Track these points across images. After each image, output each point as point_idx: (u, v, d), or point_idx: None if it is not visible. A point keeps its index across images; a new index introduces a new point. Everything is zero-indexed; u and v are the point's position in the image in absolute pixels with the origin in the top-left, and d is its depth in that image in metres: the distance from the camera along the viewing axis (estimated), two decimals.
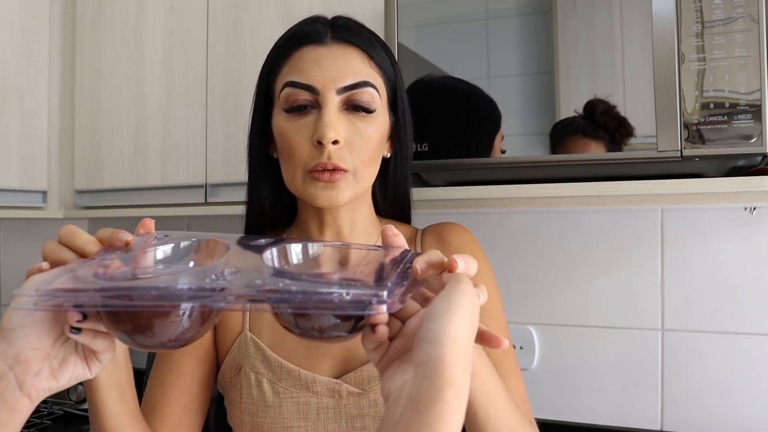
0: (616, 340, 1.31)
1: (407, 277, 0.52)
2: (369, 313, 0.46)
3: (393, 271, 0.52)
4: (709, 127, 0.89)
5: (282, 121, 0.79)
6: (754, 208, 1.21)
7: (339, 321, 0.51)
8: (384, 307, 0.46)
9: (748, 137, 0.87)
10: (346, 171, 0.76)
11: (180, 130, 1.38)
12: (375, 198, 0.88)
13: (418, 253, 0.56)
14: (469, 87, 1.04)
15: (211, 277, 0.51)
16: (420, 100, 1.05)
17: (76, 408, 1.55)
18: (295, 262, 0.60)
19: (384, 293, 0.46)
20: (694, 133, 0.90)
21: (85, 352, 0.54)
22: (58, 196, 1.51)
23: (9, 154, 1.40)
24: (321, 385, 0.79)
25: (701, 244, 1.26)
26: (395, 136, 0.84)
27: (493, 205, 1.10)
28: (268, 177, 0.85)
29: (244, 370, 0.82)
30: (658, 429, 1.28)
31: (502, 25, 1.03)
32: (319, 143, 0.75)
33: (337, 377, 0.80)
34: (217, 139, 1.34)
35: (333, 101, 0.76)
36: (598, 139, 0.97)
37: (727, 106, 0.89)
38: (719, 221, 1.25)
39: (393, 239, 0.59)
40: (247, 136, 0.86)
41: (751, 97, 0.88)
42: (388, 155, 0.85)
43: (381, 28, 1.09)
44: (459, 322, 0.46)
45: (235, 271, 0.52)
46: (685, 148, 0.90)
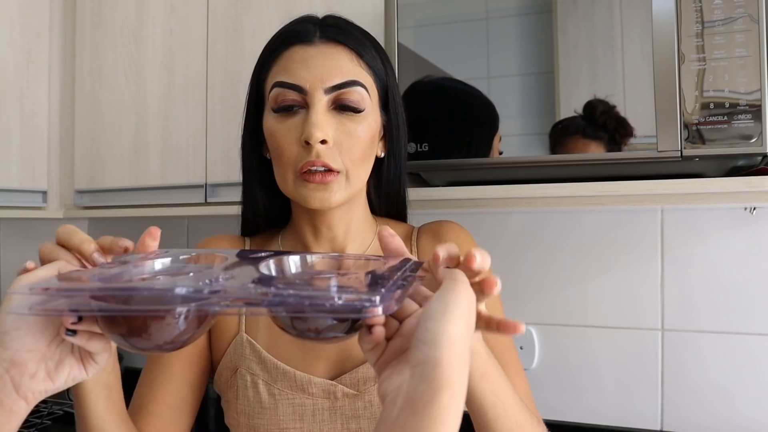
0: (616, 340, 1.31)
1: (405, 280, 0.52)
2: (365, 315, 0.46)
3: (391, 275, 0.52)
4: (709, 127, 0.89)
5: (271, 121, 0.79)
6: (754, 208, 1.21)
7: (335, 322, 0.50)
8: (380, 308, 0.45)
9: (748, 137, 0.87)
10: (338, 172, 0.76)
11: (180, 130, 1.38)
12: (370, 198, 0.87)
13: (418, 262, 0.56)
14: (468, 88, 1.04)
15: (206, 281, 0.51)
16: (419, 101, 1.05)
17: None
18: (293, 270, 0.60)
19: (379, 296, 0.46)
20: (694, 133, 0.90)
21: (81, 354, 0.54)
22: (58, 196, 1.51)
23: (9, 154, 1.40)
24: (316, 387, 0.79)
25: (701, 244, 1.26)
26: (388, 136, 0.84)
27: (493, 205, 1.10)
28: (262, 178, 0.85)
29: (240, 372, 0.82)
30: (658, 429, 1.28)
31: (502, 25, 1.03)
32: (307, 143, 0.75)
33: (332, 378, 0.80)
34: (217, 139, 1.34)
35: (321, 101, 0.76)
36: (597, 139, 0.97)
37: (727, 106, 0.89)
38: (719, 221, 1.25)
39: (390, 240, 0.59)
40: (240, 137, 0.86)
41: (751, 97, 0.88)
42: (382, 155, 0.85)
43: (381, 28, 1.09)
44: (456, 323, 0.46)
45: (229, 277, 0.52)
46: (685, 148, 0.90)
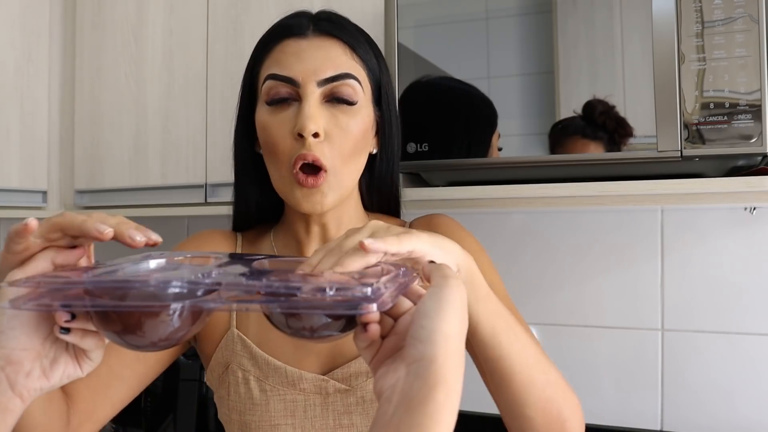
0: (616, 340, 1.31)
1: (399, 277, 0.52)
2: (359, 312, 0.46)
3: (385, 273, 0.52)
4: (709, 127, 0.89)
5: (264, 114, 0.78)
6: (754, 208, 1.21)
7: (330, 320, 0.50)
8: (374, 305, 0.45)
9: (748, 137, 0.87)
10: (326, 171, 0.75)
11: (180, 130, 1.38)
12: (362, 194, 0.87)
13: (414, 273, 0.56)
14: (466, 87, 1.04)
15: (198, 275, 0.51)
16: (417, 101, 1.06)
17: None
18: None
19: (372, 288, 0.46)
20: (694, 133, 0.90)
21: (75, 351, 0.54)
22: (58, 196, 1.51)
23: (9, 154, 1.40)
24: (308, 382, 0.79)
25: (701, 244, 1.26)
26: (381, 132, 0.84)
27: (492, 205, 1.10)
28: (254, 174, 0.85)
29: (232, 368, 0.81)
30: (658, 429, 1.28)
31: (502, 25, 1.03)
32: (300, 136, 0.74)
33: (323, 374, 0.80)
34: (217, 139, 1.34)
35: (314, 93, 0.75)
36: (597, 139, 0.97)
37: (727, 106, 0.89)
38: (719, 221, 1.25)
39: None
40: (232, 132, 0.86)
41: (751, 97, 0.88)
42: (374, 151, 0.84)
43: (381, 28, 1.09)
44: (451, 320, 0.46)
45: (223, 272, 0.52)
46: (685, 148, 0.90)
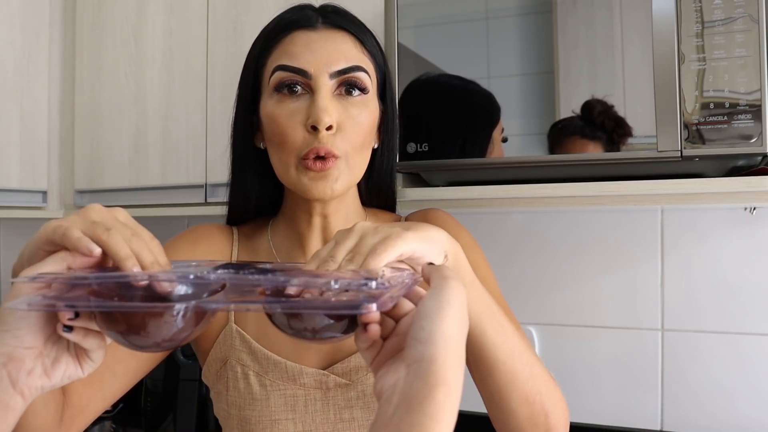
0: (616, 340, 1.31)
1: (400, 279, 0.52)
2: (359, 312, 0.46)
3: (386, 274, 0.52)
4: (709, 127, 0.89)
5: (272, 106, 0.77)
6: (754, 208, 1.21)
7: (332, 322, 0.50)
8: (374, 305, 0.45)
9: (748, 137, 0.87)
10: (338, 157, 0.75)
11: (180, 130, 1.38)
12: (359, 188, 0.87)
13: (416, 275, 0.56)
14: (465, 83, 1.04)
15: (203, 272, 0.51)
16: (417, 99, 1.05)
17: None
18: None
19: (373, 284, 0.46)
20: (694, 133, 0.90)
21: (77, 352, 0.54)
22: (58, 196, 1.51)
23: (9, 154, 1.40)
24: (308, 377, 0.79)
25: (701, 244, 1.26)
26: (383, 126, 0.83)
27: (492, 205, 1.10)
28: (254, 168, 0.84)
29: (230, 363, 0.81)
30: (658, 429, 1.28)
31: (502, 25, 1.03)
32: (314, 128, 0.74)
33: (323, 368, 0.79)
34: (217, 139, 1.34)
35: (326, 85, 0.75)
36: (595, 139, 0.97)
37: (727, 106, 0.89)
38: (719, 221, 1.25)
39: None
40: (230, 126, 0.85)
41: (751, 97, 0.88)
42: (376, 146, 0.84)
43: (381, 28, 1.09)
44: (450, 321, 0.46)
45: (226, 271, 0.52)
46: (685, 148, 0.90)
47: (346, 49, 0.77)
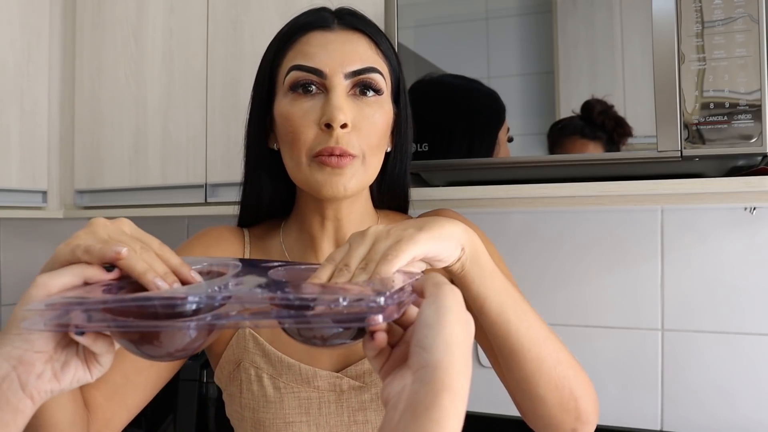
0: (616, 340, 1.31)
1: (407, 287, 0.53)
2: (365, 325, 0.47)
3: (394, 284, 0.53)
4: (709, 127, 0.89)
5: (286, 105, 0.77)
6: (754, 208, 1.21)
7: (341, 330, 0.51)
8: (380, 316, 0.46)
9: (748, 137, 0.87)
10: (354, 156, 0.74)
11: (180, 130, 1.38)
12: (372, 191, 0.87)
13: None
14: (469, 83, 1.04)
15: (215, 288, 0.52)
16: (421, 100, 1.05)
17: None
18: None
19: (381, 299, 0.47)
20: (694, 133, 0.90)
21: (86, 356, 0.55)
22: (58, 196, 1.51)
23: (9, 154, 1.40)
24: (322, 380, 0.79)
25: (701, 244, 1.26)
26: (396, 130, 0.83)
27: (492, 205, 1.10)
28: (267, 169, 0.84)
29: (244, 365, 0.81)
30: (658, 429, 1.28)
31: (502, 25, 1.03)
32: (328, 126, 0.74)
33: (337, 371, 0.80)
34: (217, 139, 1.34)
35: (341, 85, 0.75)
36: (595, 139, 0.97)
37: (727, 106, 0.89)
38: (719, 221, 1.25)
39: None
40: (245, 126, 0.85)
41: (751, 97, 0.88)
42: (389, 149, 0.84)
43: (381, 28, 1.09)
44: (451, 326, 0.46)
45: (239, 283, 0.53)
46: (685, 148, 0.90)
47: (362, 50, 0.77)
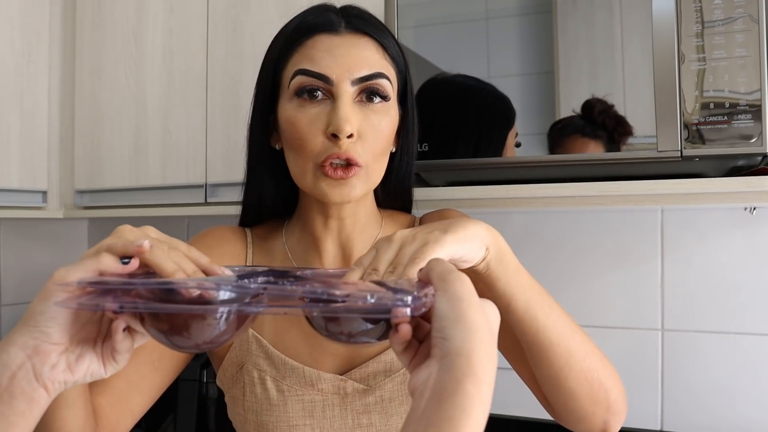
0: (617, 340, 1.31)
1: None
2: (391, 316, 0.48)
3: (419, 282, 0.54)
4: (709, 127, 0.89)
5: (291, 110, 0.76)
6: (754, 208, 1.21)
7: (369, 327, 0.51)
8: (408, 309, 0.47)
9: (748, 137, 0.87)
10: (360, 166, 0.74)
11: (180, 130, 1.38)
12: (376, 191, 0.86)
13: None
14: (482, 84, 1.04)
15: (246, 281, 0.52)
16: (433, 98, 1.05)
17: None
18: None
19: (408, 298, 0.47)
20: (694, 133, 0.90)
21: (103, 353, 0.56)
22: (58, 196, 1.51)
23: (9, 154, 1.40)
24: (326, 382, 0.79)
25: (701, 244, 1.26)
26: (402, 131, 0.83)
27: (493, 205, 1.10)
28: (269, 168, 0.83)
29: (247, 368, 0.81)
30: (658, 429, 1.28)
31: (502, 25, 1.03)
32: (334, 136, 0.73)
33: (341, 374, 0.79)
34: (217, 139, 1.34)
35: (347, 92, 0.74)
36: (596, 138, 0.97)
37: (727, 106, 0.89)
38: (719, 221, 1.25)
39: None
40: (247, 126, 0.84)
41: (751, 97, 0.88)
42: (394, 150, 0.83)
43: None
44: (467, 314, 0.46)
45: (267, 279, 0.54)
46: (685, 148, 0.90)
47: (369, 55, 0.76)
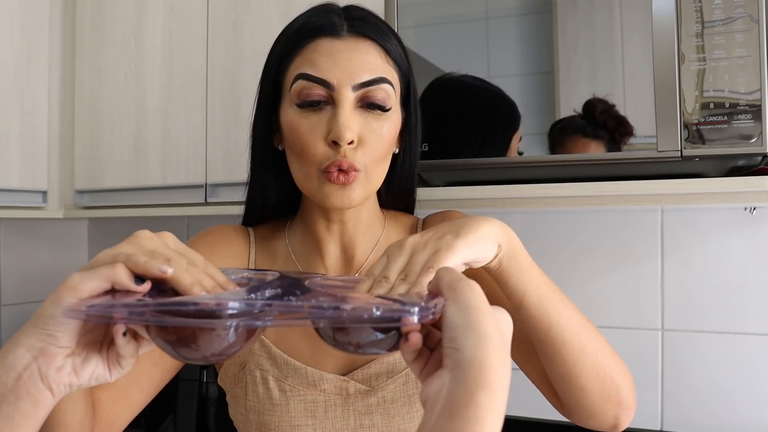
0: (617, 340, 1.31)
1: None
2: (400, 325, 0.48)
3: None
4: (709, 127, 0.89)
5: (293, 116, 0.76)
6: (754, 208, 1.21)
7: (378, 338, 0.51)
8: (415, 317, 0.47)
9: (748, 137, 0.87)
10: (359, 171, 0.74)
11: (180, 130, 1.38)
12: (379, 192, 0.86)
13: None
14: (490, 86, 1.04)
15: (251, 296, 0.52)
16: (440, 98, 1.05)
17: None
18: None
19: (415, 308, 0.47)
20: (694, 133, 0.90)
21: (108, 357, 0.55)
22: (58, 196, 1.51)
23: (9, 154, 1.40)
24: (328, 383, 0.79)
25: (701, 244, 1.26)
26: (405, 132, 0.82)
27: (493, 205, 1.10)
28: (272, 168, 0.83)
29: (249, 368, 0.81)
30: (658, 429, 1.28)
31: (502, 25, 1.03)
32: (335, 143, 0.73)
33: (344, 375, 0.79)
34: (217, 139, 1.34)
35: (348, 98, 0.74)
36: (597, 138, 0.97)
37: (727, 106, 0.89)
38: (719, 221, 1.25)
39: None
40: (250, 126, 0.84)
41: (751, 97, 0.88)
42: (397, 151, 0.83)
43: None
44: (479, 323, 0.46)
45: (274, 293, 0.54)
46: (685, 148, 0.90)
47: (371, 60, 0.75)
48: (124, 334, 0.53)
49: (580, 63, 0.98)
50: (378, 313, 0.47)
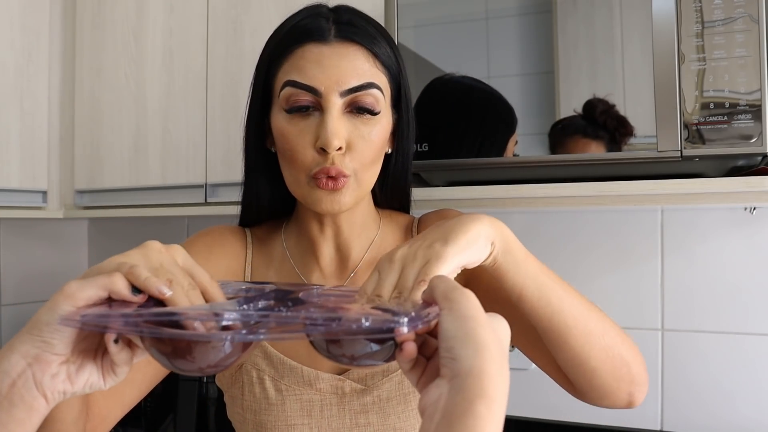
0: None
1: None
2: (392, 335, 0.47)
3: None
4: (709, 127, 0.89)
5: (282, 122, 0.77)
6: (754, 208, 1.21)
7: (372, 350, 0.51)
8: (405, 328, 0.47)
9: (748, 137, 0.87)
10: (348, 176, 0.75)
11: (180, 130, 1.38)
12: (374, 191, 0.86)
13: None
14: (489, 89, 1.04)
15: (243, 306, 0.53)
16: (438, 98, 1.05)
17: None
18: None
19: (404, 320, 0.47)
20: (694, 133, 0.90)
21: (103, 364, 0.55)
22: (58, 196, 1.51)
23: (9, 154, 1.40)
24: (324, 382, 0.79)
25: (701, 244, 1.26)
26: (397, 133, 0.83)
27: (493, 205, 1.10)
28: (266, 171, 0.84)
29: (245, 367, 0.81)
30: (658, 429, 1.28)
31: (502, 25, 1.03)
32: (323, 150, 0.73)
33: (339, 374, 0.80)
34: (217, 139, 1.34)
35: (336, 105, 0.74)
36: (597, 138, 0.97)
37: (727, 106, 0.89)
38: (719, 221, 1.25)
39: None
40: (242, 129, 0.84)
41: (751, 97, 0.88)
42: (389, 151, 0.83)
43: None
44: (476, 333, 0.45)
45: (267, 305, 0.54)
46: (685, 148, 0.90)
47: (359, 65, 0.75)
48: (116, 342, 0.52)
49: (580, 63, 0.98)
50: (367, 324, 0.47)
